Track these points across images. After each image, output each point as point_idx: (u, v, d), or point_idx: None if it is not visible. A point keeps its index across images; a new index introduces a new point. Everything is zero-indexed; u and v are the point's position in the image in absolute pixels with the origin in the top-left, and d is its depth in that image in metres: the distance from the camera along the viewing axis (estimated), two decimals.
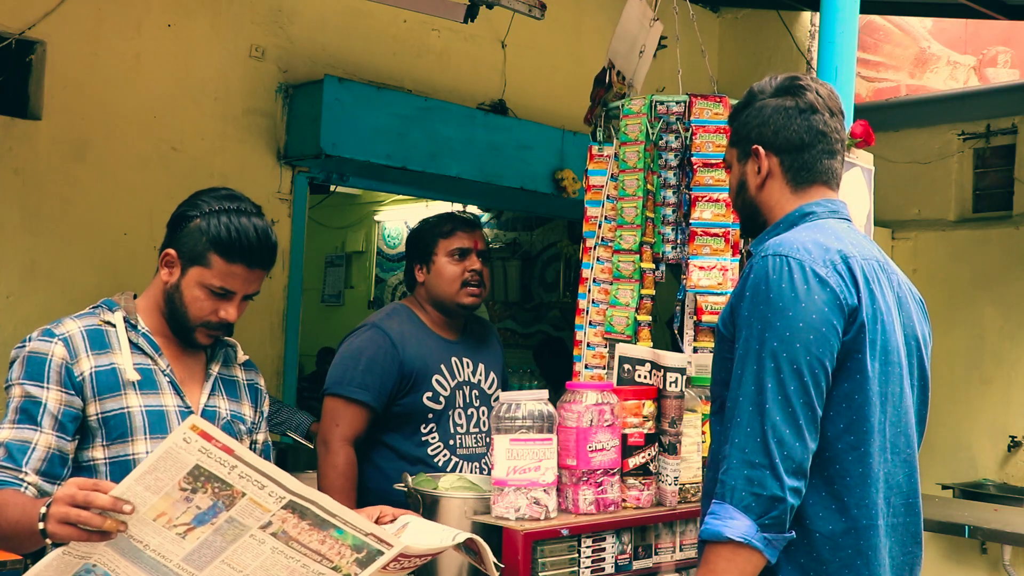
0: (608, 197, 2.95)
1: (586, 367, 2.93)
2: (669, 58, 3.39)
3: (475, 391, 3.03)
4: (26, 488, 1.89)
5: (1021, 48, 5.80)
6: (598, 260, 2.95)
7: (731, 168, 2.10)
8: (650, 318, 2.85)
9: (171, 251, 2.07)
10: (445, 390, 2.95)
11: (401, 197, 7.81)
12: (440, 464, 2.92)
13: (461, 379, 3.00)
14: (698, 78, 3.59)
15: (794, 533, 1.79)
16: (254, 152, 4.89)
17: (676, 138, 2.86)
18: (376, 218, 8.54)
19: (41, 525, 1.63)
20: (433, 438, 2.93)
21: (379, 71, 5.26)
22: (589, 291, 2.96)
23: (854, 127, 2.76)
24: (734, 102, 2.20)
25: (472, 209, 7.80)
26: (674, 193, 2.85)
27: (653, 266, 2.85)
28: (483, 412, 3.03)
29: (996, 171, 6.40)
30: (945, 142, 6.49)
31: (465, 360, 3.04)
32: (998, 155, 6.38)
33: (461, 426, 2.97)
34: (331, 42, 5.13)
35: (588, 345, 2.94)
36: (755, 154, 2.01)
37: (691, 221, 2.80)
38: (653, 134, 2.85)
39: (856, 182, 2.79)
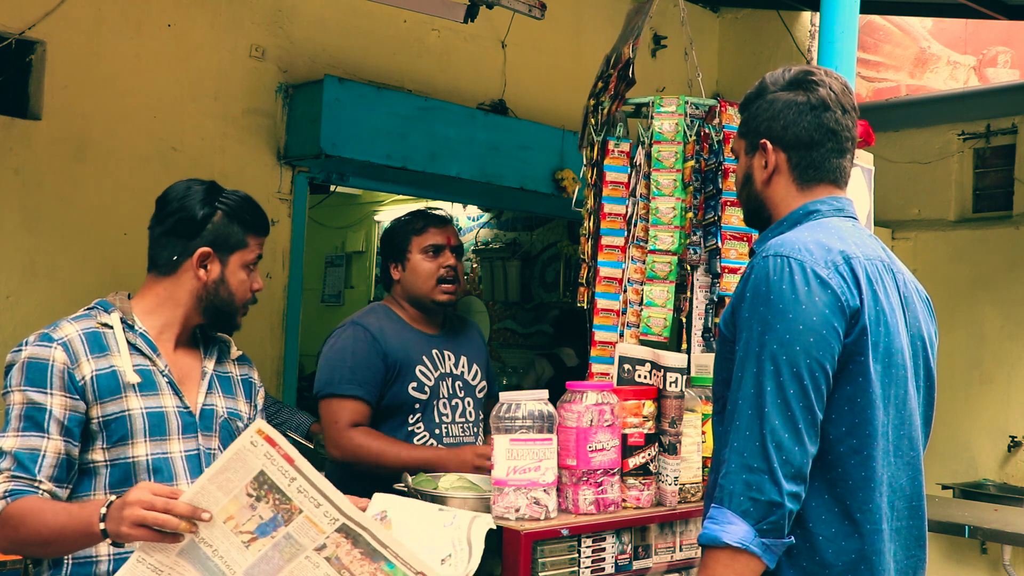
0: (640, 196, 2.94)
1: None
2: (669, 58, 3.39)
3: (459, 382, 3.06)
4: (42, 495, 1.90)
5: (1021, 48, 5.79)
6: (632, 260, 2.94)
7: (738, 159, 2.07)
8: (685, 320, 2.88)
9: (207, 249, 2.10)
10: (429, 380, 2.99)
11: (401, 197, 7.79)
12: None
13: (444, 370, 3.04)
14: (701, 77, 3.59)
15: (793, 538, 1.77)
16: (254, 152, 4.89)
17: (694, 140, 2.88)
18: (376, 218, 8.52)
19: (102, 526, 1.72)
20: (419, 428, 2.96)
21: (379, 71, 5.26)
22: (624, 291, 2.95)
23: None
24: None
25: (472, 209, 7.80)
26: (695, 195, 2.87)
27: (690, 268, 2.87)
28: (468, 403, 3.07)
29: (996, 171, 6.40)
30: (945, 142, 6.49)
31: (447, 352, 3.07)
32: (998, 155, 6.37)
33: (447, 416, 3.01)
34: (331, 42, 5.13)
35: None
36: (763, 148, 1.98)
37: (722, 225, 2.82)
38: (691, 135, 2.87)
39: (856, 182, 2.79)
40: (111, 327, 2.05)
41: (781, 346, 1.74)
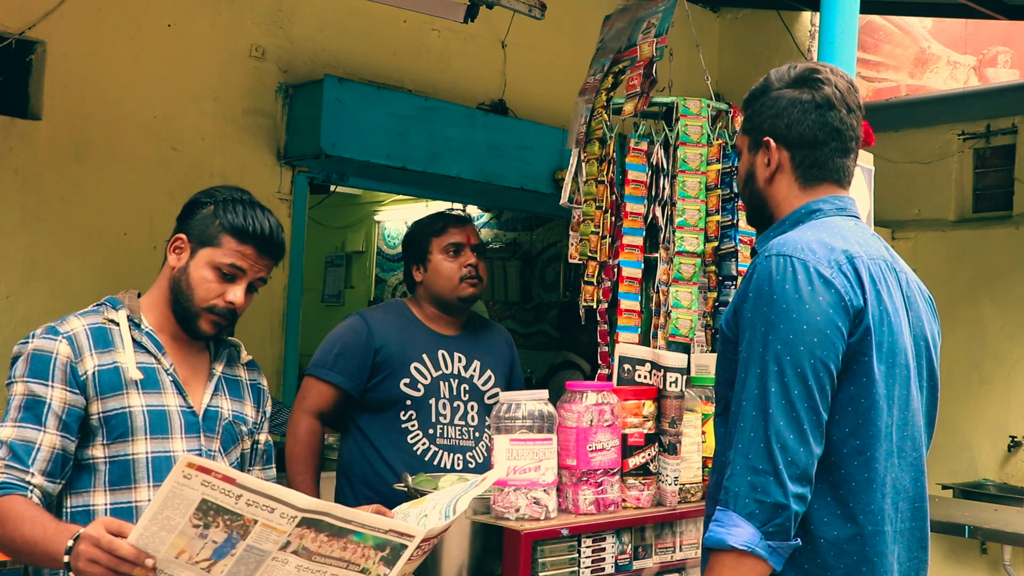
0: (669, 198, 2.94)
1: None
2: (671, 58, 3.39)
3: (465, 385, 3.05)
4: (31, 491, 1.89)
5: (1021, 48, 5.79)
6: (661, 262, 2.94)
7: (741, 155, 2.05)
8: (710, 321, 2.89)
9: (181, 235, 2.10)
10: (425, 379, 2.99)
11: (401, 197, 7.80)
12: (419, 452, 2.95)
13: (448, 371, 3.03)
14: (688, 78, 3.59)
15: (800, 540, 1.76)
16: (254, 152, 4.89)
17: (719, 144, 2.89)
18: (376, 218, 8.53)
19: (66, 559, 1.68)
20: (412, 426, 2.97)
21: (379, 71, 5.26)
22: (656, 291, 2.93)
23: None
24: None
25: (472, 209, 7.80)
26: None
27: (715, 269, 2.88)
28: (472, 407, 3.05)
29: (996, 171, 6.40)
30: (945, 142, 6.49)
31: (457, 354, 3.07)
32: (998, 155, 6.37)
33: (444, 416, 3.00)
34: (331, 42, 5.13)
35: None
36: (766, 146, 1.96)
37: (738, 229, 2.82)
38: (713, 137, 2.88)
39: (856, 182, 2.78)
40: (117, 324, 2.05)
41: (785, 346, 1.73)
